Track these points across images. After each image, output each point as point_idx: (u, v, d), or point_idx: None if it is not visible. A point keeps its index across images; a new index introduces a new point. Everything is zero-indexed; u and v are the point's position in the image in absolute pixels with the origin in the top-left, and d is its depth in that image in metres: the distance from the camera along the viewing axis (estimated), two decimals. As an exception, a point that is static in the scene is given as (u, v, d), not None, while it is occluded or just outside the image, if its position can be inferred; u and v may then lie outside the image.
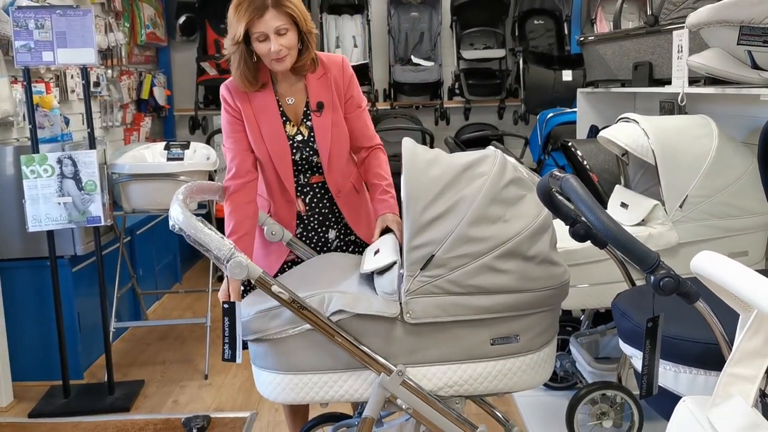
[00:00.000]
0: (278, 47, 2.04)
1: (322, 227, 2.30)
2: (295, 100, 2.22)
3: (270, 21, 2.02)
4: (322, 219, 2.30)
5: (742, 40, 2.32)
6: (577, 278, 2.50)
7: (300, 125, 2.21)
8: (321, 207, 2.29)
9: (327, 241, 2.32)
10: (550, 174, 1.81)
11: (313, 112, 2.20)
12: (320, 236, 2.31)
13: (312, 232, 2.30)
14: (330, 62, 2.24)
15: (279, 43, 2.04)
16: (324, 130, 2.20)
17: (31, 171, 3.07)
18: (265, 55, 2.08)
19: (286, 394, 1.82)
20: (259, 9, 2.01)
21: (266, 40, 2.05)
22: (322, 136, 2.20)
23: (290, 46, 2.07)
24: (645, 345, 1.58)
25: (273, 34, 2.03)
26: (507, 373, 1.80)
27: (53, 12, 3.05)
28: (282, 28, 2.04)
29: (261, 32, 2.04)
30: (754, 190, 2.44)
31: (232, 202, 2.15)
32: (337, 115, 2.22)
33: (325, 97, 2.20)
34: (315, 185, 2.27)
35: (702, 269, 1.24)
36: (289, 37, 2.06)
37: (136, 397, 3.30)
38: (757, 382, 1.17)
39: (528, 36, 5.93)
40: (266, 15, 2.01)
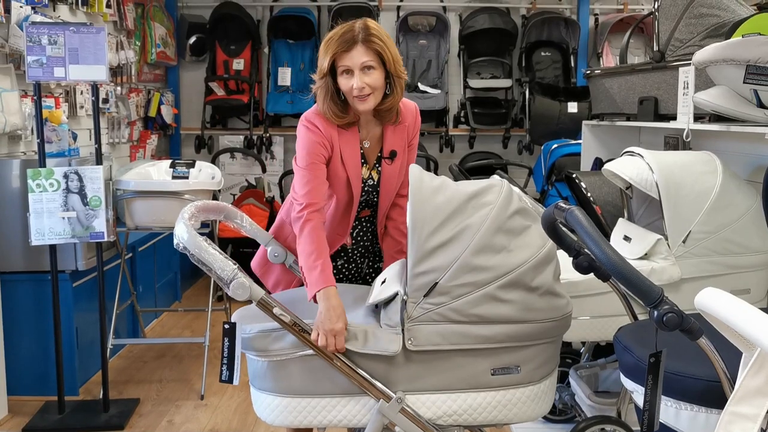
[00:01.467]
0: (362, 84, 2.00)
1: (363, 258, 2.36)
2: (370, 144, 2.20)
3: (357, 55, 1.99)
4: (364, 251, 2.35)
5: (749, 79, 2.35)
6: (579, 310, 2.49)
7: (372, 170, 2.22)
8: (365, 240, 2.33)
9: (361, 270, 2.37)
10: (555, 205, 1.81)
11: (384, 159, 2.20)
12: (359, 267, 2.37)
13: (353, 263, 2.35)
14: (406, 110, 2.21)
15: (363, 80, 2.00)
16: (391, 178, 2.21)
17: (37, 185, 3.08)
18: (348, 92, 2.04)
19: (284, 418, 1.81)
20: (348, 42, 1.99)
21: (351, 75, 2.01)
22: (387, 182, 2.21)
23: (375, 86, 2.03)
24: (647, 380, 1.57)
25: (358, 70, 2.00)
26: (507, 404, 1.79)
27: (67, 29, 3.09)
28: (368, 64, 2.00)
29: (346, 66, 2.00)
30: (757, 228, 2.45)
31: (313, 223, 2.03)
32: (403, 163, 2.22)
33: (399, 147, 2.20)
34: (363, 219, 2.31)
35: (706, 306, 1.24)
36: (374, 76, 2.02)
37: (131, 416, 3.27)
38: (759, 421, 1.17)
39: (535, 67, 5.98)
40: (354, 49, 1.99)
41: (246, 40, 5.97)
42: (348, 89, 2.03)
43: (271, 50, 5.91)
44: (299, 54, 5.92)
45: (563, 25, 6.01)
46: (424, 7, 6.04)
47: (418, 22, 5.99)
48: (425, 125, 6.03)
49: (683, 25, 3.05)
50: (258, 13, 6.13)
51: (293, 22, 5.91)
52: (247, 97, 5.80)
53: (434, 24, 5.99)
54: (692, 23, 3.04)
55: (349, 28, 2.03)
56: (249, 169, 6.00)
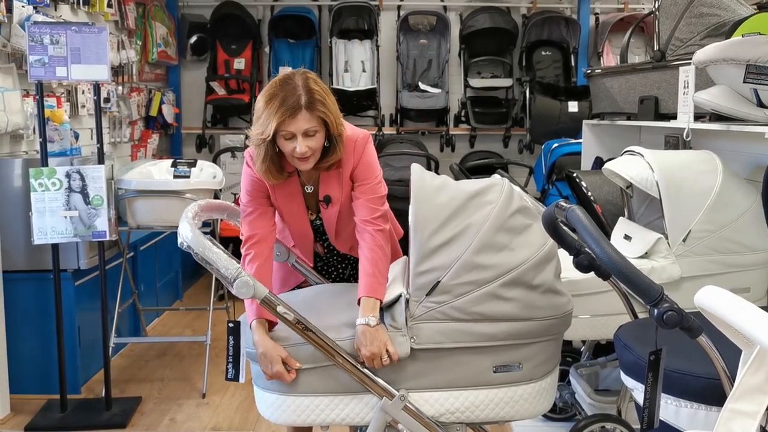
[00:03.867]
0: (304, 149, 1.97)
1: (342, 264, 2.39)
2: (312, 188, 2.19)
3: (300, 122, 1.95)
4: (341, 259, 2.38)
5: (749, 79, 2.36)
6: (579, 309, 2.49)
7: (317, 213, 2.23)
8: (337, 252, 2.35)
9: (344, 276, 2.40)
10: (556, 204, 1.82)
11: (320, 203, 2.19)
12: (339, 272, 2.40)
13: (332, 267, 2.39)
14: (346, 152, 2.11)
15: (306, 144, 1.97)
16: (330, 221, 2.20)
17: (39, 184, 3.09)
18: (288, 153, 2.02)
19: (287, 416, 1.82)
20: (292, 109, 1.93)
21: (293, 139, 1.97)
22: (329, 225, 2.22)
23: (316, 148, 2.01)
24: (647, 378, 1.58)
25: (300, 135, 1.97)
26: (509, 402, 1.80)
27: (68, 28, 3.10)
28: (311, 130, 1.97)
29: (289, 132, 1.96)
30: (757, 227, 2.46)
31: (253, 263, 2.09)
32: (343, 207, 2.17)
33: (334, 191, 2.15)
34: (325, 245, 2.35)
35: (706, 304, 1.25)
36: (317, 138, 2.00)
37: (132, 414, 3.28)
38: (758, 419, 1.18)
39: (535, 66, 5.99)
40: (298, 116, 1.94)
41: (247, 39, 5.98)
42: (290, 151, 2.00)
43: (272, 50, 5.91)
44: (300, 53, 5.92)
45: (564, 25, 6.01)
46: (424, 6, 6.05)
47: (419, 21, 6.00)
48: (426, 125, 6.04)
49: (684, 25, 3.05)
50: (259, 12, 6.14)
51: (294, 21, 5.91)
52: (248, 96, 5.81)
53: (435, 23, 5.99)
54: (693, 23, 3.04)
55: (291, 91, 1.95)
56: (250, 168, 5.99)
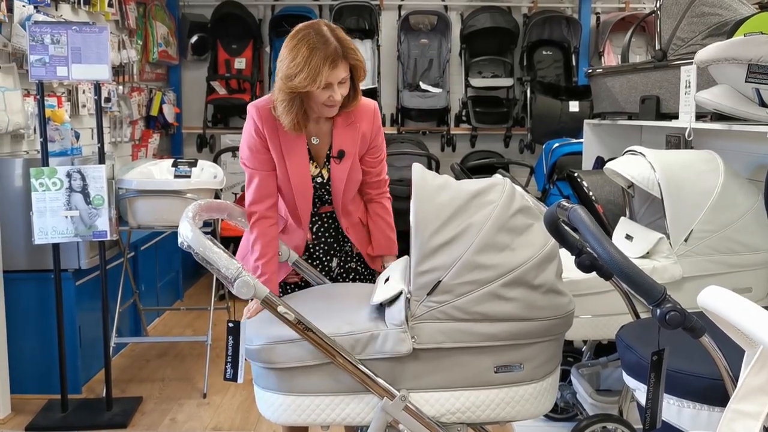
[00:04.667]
0: (339, 97, 2.06)
1: (327, 256, 2.37)
2: (320, 141, 2.23)
3: (340, 72, 2.04)
4: (327, 248, 2.36)
5: (750, 78, 2.35)
6: (581, 309, 2.49)
7: (322, 168, 2.25)
8: (327, 236, 2.35)
9: (330, 269, 2.38)
10: (557, 204, 1.82)
11: (333, 158, 2.22)
12: (324, 264, 2.37)
13: (317, 260, 2.37)
14: (361, 111, 2.22)
15: (339, 92, 2.06)
16: (340, 179, 2.23)
17: (40, 184, 3.09)
18: (320, 103, 2.08)
19: (288, 416, 1.81)
20: (334, 60, 2.01)
21: (327, 88, 2.04)
22: (337, 182, 2.24)
23: (344, 95, 2.10)
24: (649, 378, 1.58)
25: (336, 84, 2.05)
26: (510, 402, 1.79)
27: (69, 28, 3.09)
28: (344, 77, 2.06)
29: (329, 82, 2.03)
30: (759, 226, 2.45)
31: (259, 228, 2.16)
32: (354, 163, 2.23)
33: (349, 147, 2.21)
34: (324, 215, 2.34)
35: (709, 304, 1.24)
36: (347, 86, 2.09)
37: (133, 414, 3.28)
38: (761, 419, 1.17)
39: (536, 66, 5.99)
40: (339, 66, 2.02)
41: (247, 39, 5.98)
42: (323, 100, 2.06)
43: (273, 49, 5.91)
44: (301, 53, 5.92)
45: (565, 24, 6.01)
46: (425, 6, 6.04)
47: (420, 21, 5.99)
48: (427, 124, 6.04)
49: (685, 24, 3.05)
50: (259, 12, 6.14)
51: (295, 21, 5.82)
52: (249, 96, 5.81)
53: (436, 23, 5.99)
54: (694, 22, 3.04)
55: (328, 42, 2.02)
56: (251, 168, 5.99)
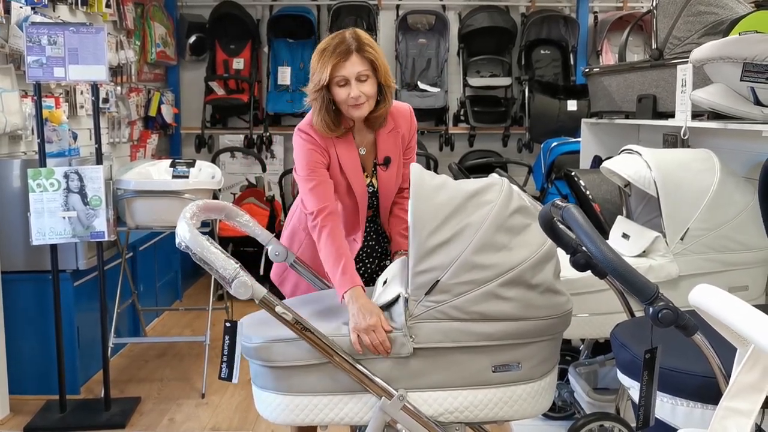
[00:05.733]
0: (358, 93, 2.08)
1: (370, 258, 2.40)
2: (366, 150, 2.26)
3: (353, 65, 2.07)
4: (370, 251, 2.39)
5: (746, 77, 2.36)
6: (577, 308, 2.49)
7: (371, 177, 2.29)
8: (370, 240, 2.38)
9: (369, 269, 2.40)
10: (552, 203, 1.83)
11: (379, 166, 2.26)
12: (367, 267, 2.39)
13: (360, 263, 2.35)
14: (398, 114, 2.27)
15: (359, 89, 2.08)
16: (389, 184, 2.28)
17: (37, 184, 3.09)
18: (343, 101, 2.11)
19: (286, 416, 1.82)
20: (344, 53, 2.06)
21: (346, 85, 2.09)
22: (385, 188, 2.28)
23: (369, 94, 2.11)
24: (642, 376, 1.59)
25: (354, 80, 2.08)
26: (508, 401, 1.80)
27: (66, 29, 3.10)
28: (363, 74, 2.08)
29: (342, 77, 2.07)
30: (754, 225, 2.46)
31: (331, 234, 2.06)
32: (399, 167, 2.28)
33: (393, 152, 2.26)
34: (366, 219, 2.34)
35: (700, 303, 1.25)
36: (368, 84, 2.10)
37: (132, 414, 3.29)
38: (753, 417, 1.18)
39: (534, 65, 5.99)
40: (350, 59, 2.07)
41: (246, 39, 5.98)
42: (344, 98, 2.10)
43: (271, 49, 5.92)
44: (299, 53, 5.93)
45: (562, 23, 6.01)
46: (423, 5, 6.05)
47: (418, 20, 6.00)
48: (425, 124, 6.04)
49: (681, 23, 3.06)
50: (257, 12, 6.14)
51: (293, 21, 5.91)
52: (247, 96, 5.81)
53: (434, 23, 5.99)
54: (690, 21, 3.05)
55: (341, 39, 2.10)
56: (249, 168, 6.01)
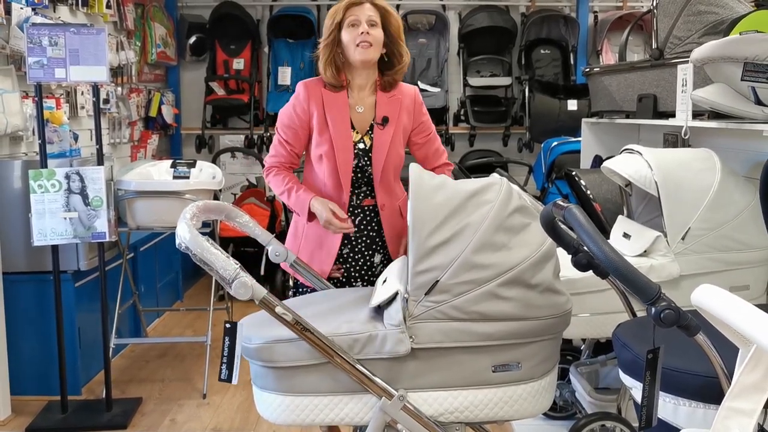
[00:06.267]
0: (366, 29, 2.30)
1: (369, 250, 2.45)
2: (364, 109, 2.41)
3: (365, 10, 2.33)
4: (369, 242, 2.45)
5: (746, 76, 2.36)
6: (579, 307, 2.50)
7: (364, 135, 2.41)
8: (369, 230, 2.45)
9: (372, 264, 2.46)
10: (553, 203, 1.82)
11: (377, 125, 2.40)
12: (366, 259, 2.46)
13: (359, 254, 2.45)
14: (404, 89, 2.49)
15: (368, 29, 2.30)
16: (383, 144, 2.39)
17: (38, 185, 3.09)
18: (350, 42, 2.32)
19: (286, 416, 1.82)
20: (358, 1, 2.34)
21: (357, 26, 2.31)
22: (379, 148, 2.39)
23: (376, 39, 2.33)
24: (645, 376, 1.59)
25: (365, 21, 2.31)
26: (508, 401, 1.80)
27: (67, 30, 3.10)
28: (374, 20, 2.33)
29: (355, 17, 2.32)
30: (755, 224, 2.46)
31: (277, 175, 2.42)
32: (397, 134, 2.41)
33: (392, 114, 2.41)
34: (366, 207, 2.44)
35: (702, 302, 1.25)
36: (377, 31, 2.33)
37: (133, 415, 3.29)
38: (756, 417, 1.18)
39: (534, 65, 5.99)
40: (364, 5, 2.34)
41: (246, 39, 5.98)
42: (352, 38, 2.32)
43: (271, 50, 5.92)
44: (299, 53, 5.93)
45: (562, 23, 6.01)
46: (423, 5, 6.05)
47: (418, 20, 6.00)
48: (425, 124, 6.03)
49: (682, 23, 3.05)
50: (258, 12, 6.14)
51: (293, 21, 5.92)
52: (248, 96, 5.82)
53: (434, 22, 5.99)
54: (690, 20, 3.04)
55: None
56: (249, 168, 6.01)
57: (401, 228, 2.44)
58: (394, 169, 2.44)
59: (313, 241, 2.42)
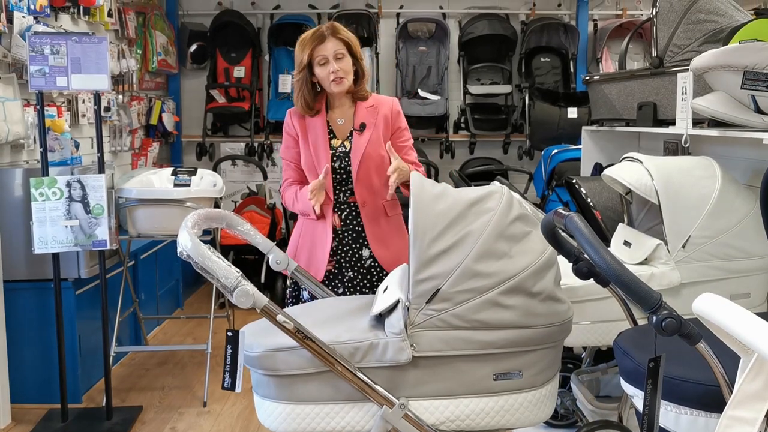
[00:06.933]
0: (336, 68, 2.47)
1: (356, 243, 2.58)
2: (344, 121, 2.61)
3: (329, 46, 2.48)
4: (356, 236, 2.58)
5: (746, 85, 2.36)
6: (579, 315, 2.50)
7: (344, 140, 2.60)
8: (355, 225, 2.58)
9: (361, 257, 2.59)
10: (554, 211, 1.83)
11: (355, 131, 2.58)
12: (354, 252, 2.58)
13: (347, 246, 2.58)
14: (382, 100, 2.67)
15: (337, 66, 2.47)
16: (360, 146, 2.55)
17: (39, 193, 3.10)
18: (325, 78, 2.50)
19: (288, 425, 1.82)
20: (320, 37, 2.48)
21: (326, 64, 2.47)
22: (357, 149, 2.55)
23: (347, 70, 2.51)
24: (646, 385, 1.59)
25: (332, 58, 2.47)
26: (509, 409, 1.80)
27: (69, 38, 3.11)
28: (339, 52, 2.48)
29: (322, 56, 2.47)
30: (756, 232, 2.46)
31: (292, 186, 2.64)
32: (376, 136, 2.57)
33: (369, 121, 2.58)
34: (352, 204, 2.59)
35: (703, 311, 1.25)
36: (345, 62, 2.50)
37: (133, 423, 3.28)
38: (757, 425, 1.18)
39: (534, 73, 6.01)
40: (326, 41, 2.48)
41: (246, 47, 6.00)
42: (325, 75, 2.48)
43: (272, 57, 5.93)
44: (299, 61, 5.94)
45: (562, 31, 6.03)
46: (423, 13, 6.06)
47: (418, 28, 6.01)
48: (425, 132, 6.05)
49: (681, 31, 3.06)
50: (258, 20, 6.16)
51: (293, 29, 5.92)
52: (248, 104, 5.83)
53: (434, 30, 6.01)
54: (690, 29, 3.05)
55: (317, 28, 2.52)
56: (250, 176, 6.02)
57: (386, 227, 2.60)
58: (376, 169, 2.55)
59: (310, 241, 2.60)
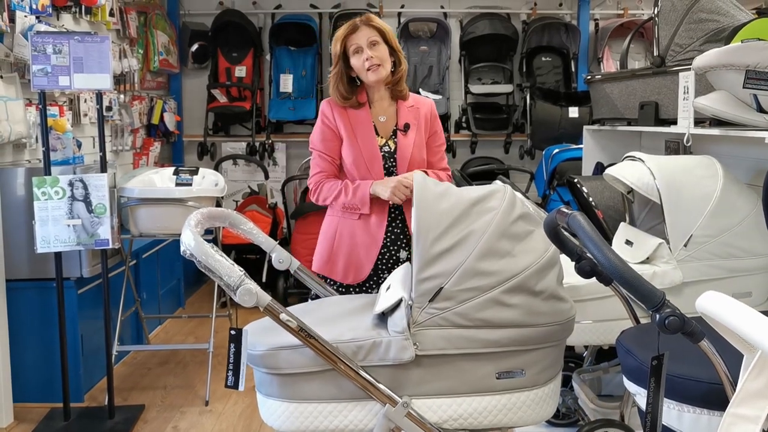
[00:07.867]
0: (370, 54, 2.47)
1: (394, 246, 2.61)
2: (386, 118, 2.63)
3: (362, 34, 2.50)
4: (394, 238, 2.61)
5: (748, 84, 2.37)
6: (581, 314, 2.50)
7: (388, 139, 2.62)
8: (394, 227, 2.61)
9: (399, 260, 2.61)
10: (557, 210, 1.83)
11: (399, 131, 2.61)
12: (392, 254, 2.61)
13: (384, 248, 2.60)
14: (422, 101, 2.70)
15: (372, 53, 2.48)
16: (406, 147, 2.59)
17: (42, 193, 3.10)
18: (360, 68, 2.51)
19: (291, 423, 1.82)
20: (353, 26, 2.51)
21: (361, 52, 2.49)
22: (403, 151, 2.59)
23: (382, 58, 2.51)
24: (649, 383, 1.59)
25: (366, 46, 2.48)
26: (512, 408, 1.80)
27: (71, 38, 3.11)
28: (373, 39, 2.49)
29: (356, 44, 2.49)
30: (758, 231, 2.46)
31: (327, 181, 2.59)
32: (419, 138, 2.62)
33: (412, 121, 2.62)
34: (391, 206, 2.60)
35: (707, 309, 1.25)
36: (380, 49, 2.50)
37: (136, 422, 3.29)
38: (761, 423, 1.18)
39: (535, 72, 6.01)
40: (359, 30, 2.50)
41: (248, 47, 6.00)
42: (361, 64, 2.49)
43: (273, 57, 5.93)
44: (301, 61, 5.94)
45: (564, 31, 6.03)
46: (425, 13, 6.06)
47: (419, 28, 6.02)
48: (427, 131, 6.04)
49: (683, 30, 3.07)
50: (260, 20, 6.16)
51: (295, 29, 5.93)
52: (249, 103, 5.83)
53: (435, 30, 6.01)
54: (692, 28, 3.05)
55: (351, 20, 2.54)
56: (251, 175, 6.03)
57: None
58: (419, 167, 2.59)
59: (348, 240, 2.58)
